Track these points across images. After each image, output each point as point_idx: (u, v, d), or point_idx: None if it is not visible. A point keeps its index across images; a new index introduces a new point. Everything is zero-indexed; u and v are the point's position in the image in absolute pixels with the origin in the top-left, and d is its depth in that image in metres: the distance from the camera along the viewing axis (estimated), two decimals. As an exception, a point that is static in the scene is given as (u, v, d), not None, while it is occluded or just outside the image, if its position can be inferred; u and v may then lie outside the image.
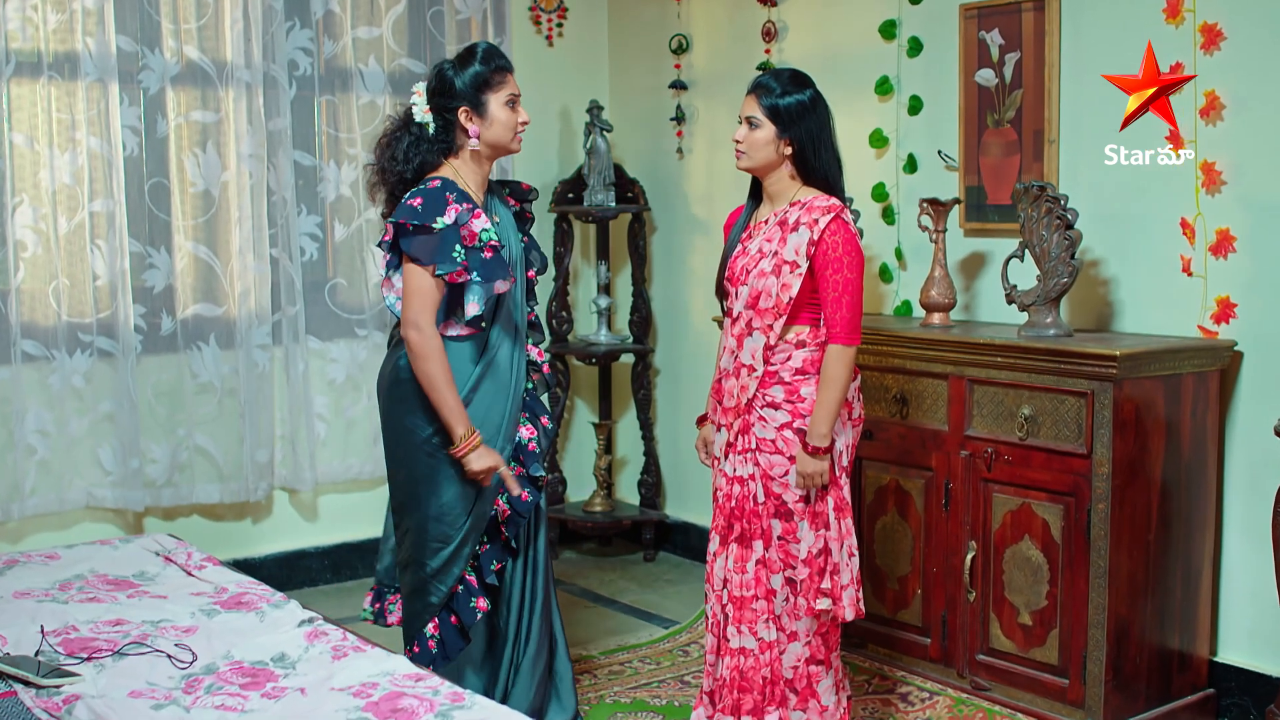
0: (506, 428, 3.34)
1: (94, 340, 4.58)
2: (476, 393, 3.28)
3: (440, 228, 3.14)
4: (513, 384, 3.35)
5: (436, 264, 3.14)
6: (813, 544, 3.31)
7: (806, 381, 3.28)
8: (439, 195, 3.18)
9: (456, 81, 3.26)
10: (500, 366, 3.32)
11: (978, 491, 3.79)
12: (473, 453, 3.19)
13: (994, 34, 4.14)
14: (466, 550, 3.31)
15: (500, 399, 3.32)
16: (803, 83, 3.32)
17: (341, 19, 4.96)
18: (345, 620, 4.66)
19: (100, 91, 4.52)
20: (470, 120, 3.27)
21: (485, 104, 3.27)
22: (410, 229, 3.14)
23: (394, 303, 3.28)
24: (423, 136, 3.29)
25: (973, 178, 4.25)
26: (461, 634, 3.31)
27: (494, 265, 3.21)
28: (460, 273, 3.16)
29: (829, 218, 3.23)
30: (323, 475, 5.06)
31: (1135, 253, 3.87)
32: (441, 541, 3.28)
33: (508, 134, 3.30)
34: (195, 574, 3.29)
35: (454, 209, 3.17)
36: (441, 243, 3.14)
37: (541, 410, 3.48)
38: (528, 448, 3.40)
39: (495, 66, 3.28)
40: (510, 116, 3.30)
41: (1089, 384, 3.49)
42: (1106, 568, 3.49)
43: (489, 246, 3.20)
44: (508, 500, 3.34)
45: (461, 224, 3.17)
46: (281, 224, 4.87)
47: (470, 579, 3.33)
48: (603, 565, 5.43)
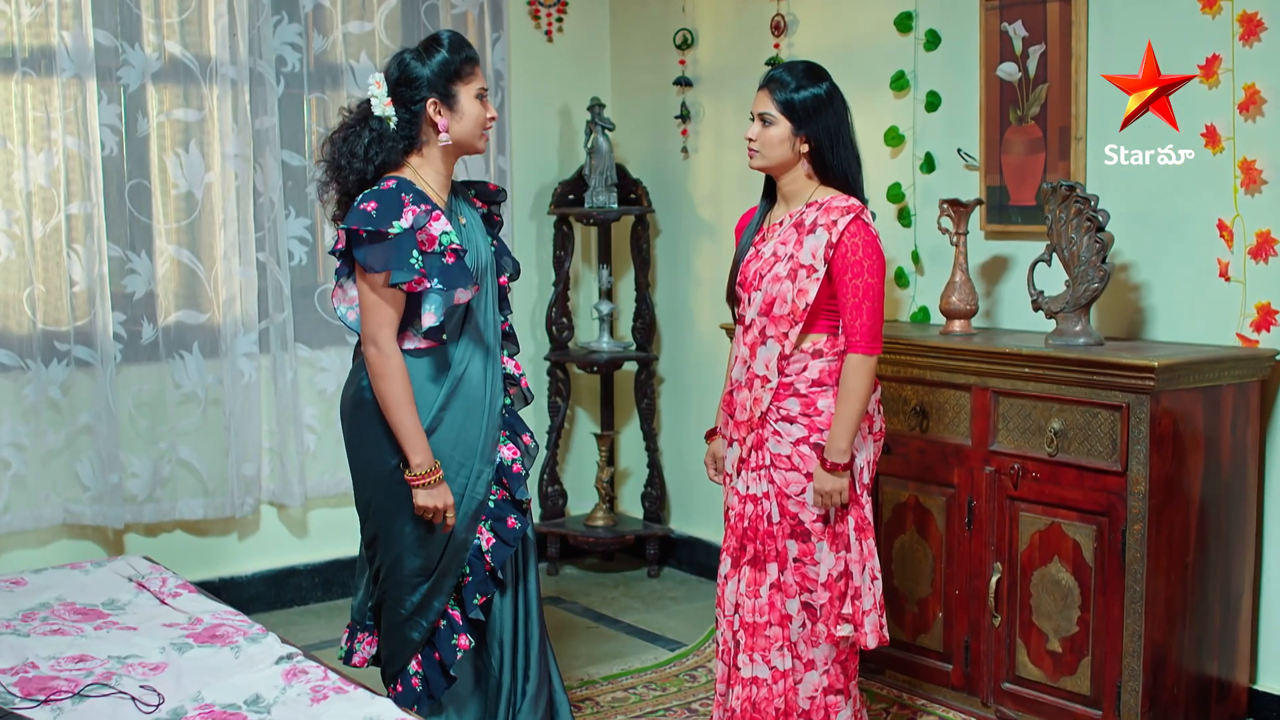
0: (484, 449, 3.10)
1: (71, 349, 4.40)
2: (446, 412, 3.04)
3: (396, 233, 2.88)
4: (488, 400, 3.11)
5: (391, 272, 2.89)
6: (832, 566, 3.11)
7: (824, 394, 3.08)
8: (394, 197, 2.92)
9: (424, 71, 3.01)
10: (472, 382, 3.08)
11: (1003, 510, 3.59)
12: (423, 488, 2.95)
13: (1017, 25, 3.94)
14: (447, 583, 3.09)
15: (475, 418, 3.08)
16: (818, 76, 3.13)
17: (331, 13, 4.78)
18: (337, 642, 4.50)
19: (77, 88, 4.33)
20: (439, 113, 3.01)
21: (455, 96, 3.02)
22: (364, 235, 2.89)
23: (344, 313, 3.06)
24: (384, 132, 3.02)
25: (994, 177, 4.05)
26: (444, 673, 3.09)
27: (455, 272, 2.94)
28: (419, 281, 2.91)
29: (848, 219, 3.03)
30: (312, 489, 4.88)
31: (1169, 256, 3.67)
32: (420, 575, 3.06)
33: (476, 129, 3.05)
34: (169, 602, 3.08)
35: (410, 211, 2.91)
36: (397, 249, 2.88)
37: (522, 428, 3.23)
38: (511, 469, 3.15)
39: (465, 56, 3.03)
40: (480, 111, 3.05)
41: (1124, 396, 3.29)
42: (1143, 593, 3.28)
43: (450, 251, 2.95)
44: (492, 528, 3.11)
45: (419, 227, 2.92)
46: (268, 227, 4.69)
47: (454, 614, 3.11)
48: (605, 582, 5.24)
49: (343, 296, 3.06)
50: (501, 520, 3.11)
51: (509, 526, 3.10)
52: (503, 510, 3.12)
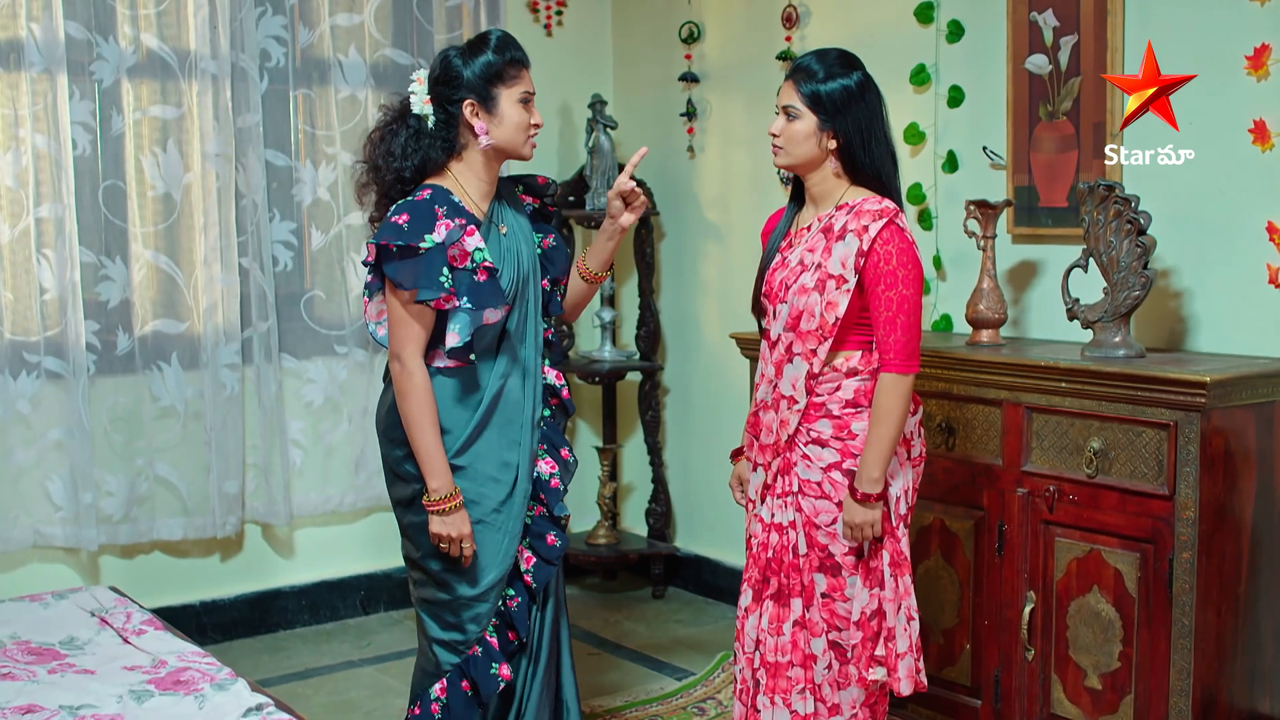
0: (523, 462, 2.96)
1: (41, 360, 4.17)
2: (483, 429, 2.91)
3: (427, 248, 2.74)
4: (528, 414, 2.98)
5: (419, 290, 2.75)
6: (865, 604, 2.86)
7: (859, 415, 2.83)
8: (427, 210, 2.79)
9: (465, 70, 2.86)
10: (510, 398, 2.94)
11: (1037, 535, 3.33)
12: (439, 514, 2.82)
13: (1047, 15, 3.70)
14: (486, 606, 2.94)
15: (513, 431, 2.95)
16: (850, 65, 2.87)
17: (319, 5, 4.56)
18: (326, 670, 4.28)
19: (47, 84, 4.11)
20: (477, 115, 2.87)
21: (495, 99, 2.87)
22: (394, 250, 2.75)
23: (374, 329, 2.94)
24: (422, 130, 2.90)
25: (1023, 177, 3.80)
26: (476, 703, 2.92)
27: (486, 291, 2.81)
28: (447, 299, 2.77)
29: (881, 223, 2.78)
30: (299, 507, 4.66)
31: (1213, 261, 3.42)
32: (456, 597, 2.92)
33: (519, 136, 2.90)
34: (132, 641, 2.83)
35: (444, 225, 2.77)
36: (427, 266, 2.75)
37: (561, 441, 3.10)
38: (550, 484, 3.02)
39: (510, 58, 2.88)
40: (523, 116, 2.90)
41: (1171, 414, 3.03)
42: (1192, 626, 3.03)
43: (482, 268, 2.81)
44: (531, 545, 2.98)
45: (452, 242, 2.78)
46: (252, 231, 4.46)
47: (491, 640, 2.93)
48: (607, 603, 4.99)
49: (374, 311, 2.93)
50: (541, 538, 3.01)
51: (549, 544, 3.00)
52: (541, 527, 3.01)
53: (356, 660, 4.39)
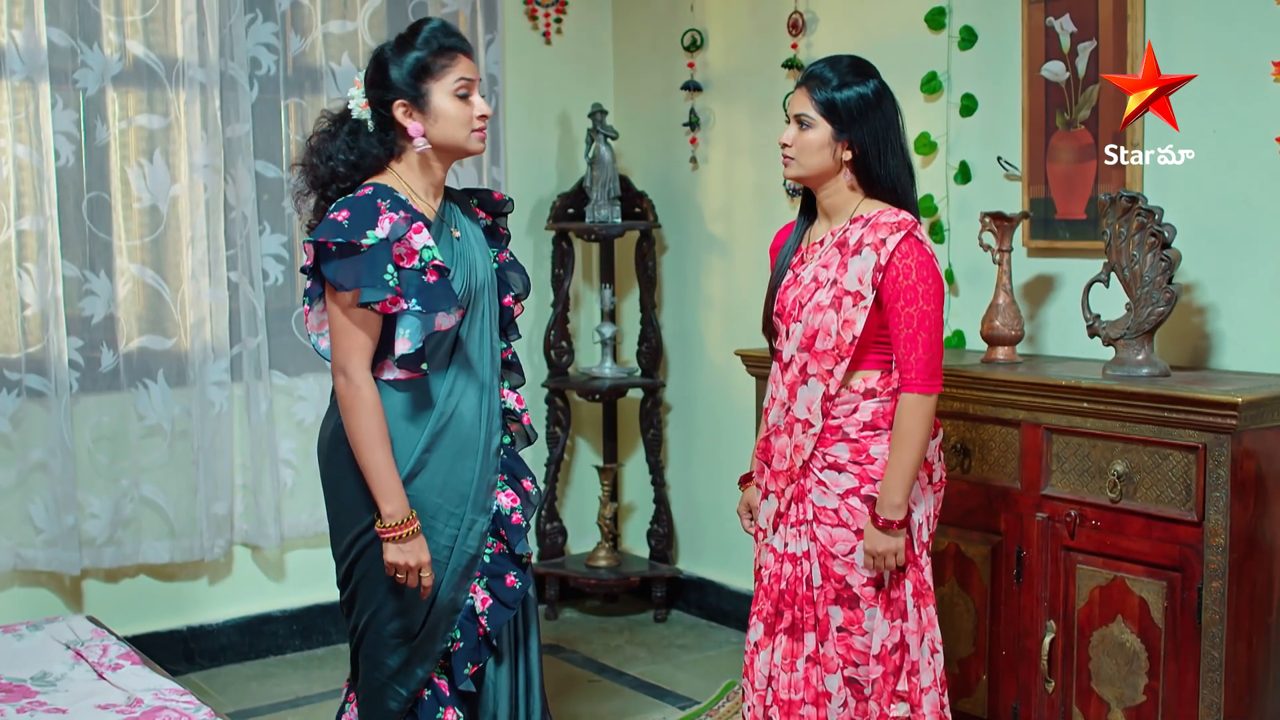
0: (478, 495, 2.73)
1: (22, 378, 4.04)
2: (432, 454, 2.68)
3: (370, 244, 2.54)
4: (483, 440, 2.75)
5: (362, 290, 2.54)
6: (886, 636, 2.73)
7: (878, 439, 2.70)
8: (369, 205, 2.58)
9: (392, 69, 2.66)
10: (463, 420, 2.72)
11: (1058, 562, 3.20)
12: (394, 541, 2.58)
13: (1064, 20, 3.58)
14: (433, 648, 2.74)
15: (467, 460, 2.72)
16: (865, 72, 2.76)
17: (310, 11, 4.43)
18: (318, 698, 4.14)
19: (29, 92, 3.98)
20: (410, 116, 2.67)
21: (427, 95, 2.66)
22: (334, 249, 2.54)
23: (316, 341, 2.73)
24: (359, 131, 2.71)
25: (1039, 188, 3.68)
26: None
27: (437, 292, 2.59)
28: (394, 300, 2.56)
29: (899, 236, 2.65)
30: (289, 529, 4.52)
31: (1239, 275, 3.30)
32: (399, 637, 2.71)
33: (460, 130, 2.68)
34: (107, 676, 2.69)
35: (387, 219, 2.57)
36: (369, 264, 2.54)
37: (524, 471, 2.86)
38: (510, 519, 2.79)
39: (438, 48, 2.66)
40: (461, 109, 2.67)
41: (1200, 436, 2.90)
42: (1222, 659, 2.90)
43: (432, 268, 2.60)
44: (488, 586, 2.75)
45: (397, 238, 2.57)
46: (241, 244, 4.33)
47: (440, 683, 2.75)
48: (608, 627, 4.85)
49: (315, 321, 2.73)
50: (499, 578, 2.77)
51: (508, 585, 2.76)
52: (501, 566, 2.78)
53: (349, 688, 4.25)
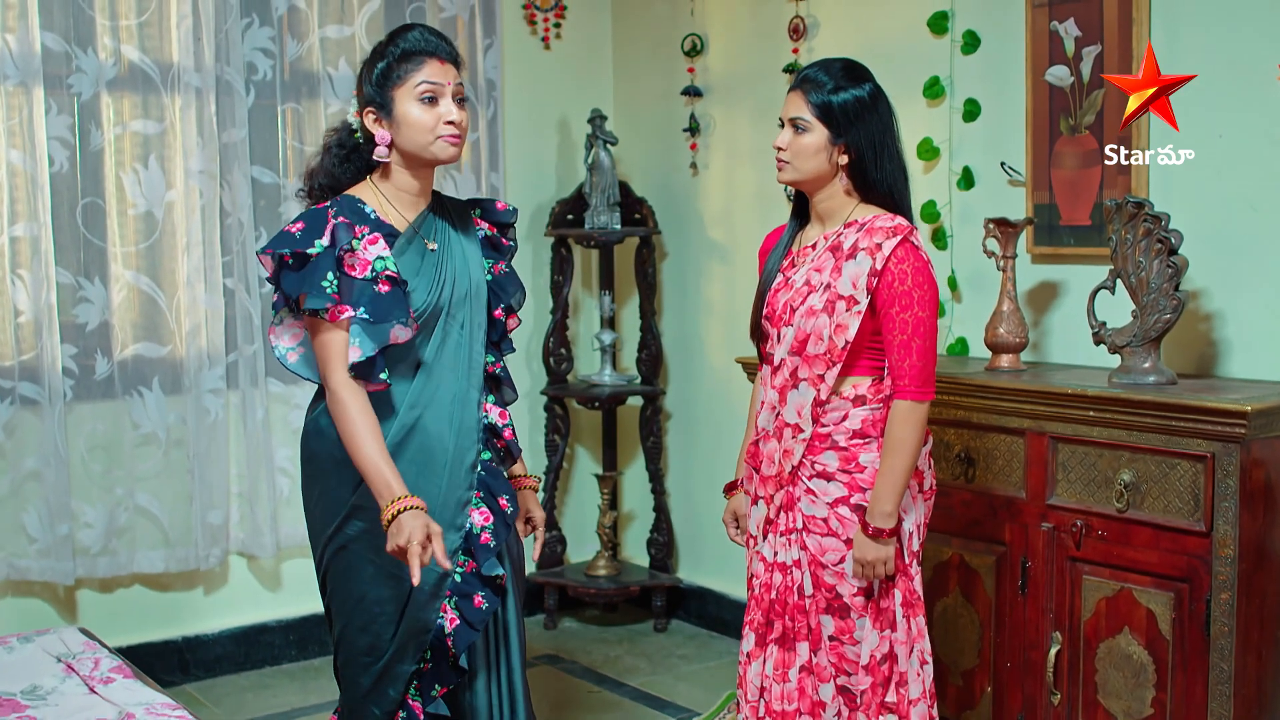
0: (442, 512, 2.63)
1: (16, 386, 4.00)
2: None
3: (316, 253, 2.52)
4: (451, 455, 2.66)
5: (305, 297, 2.51)
6: (875, 647, 2.68)
7: (867, 447, 2.66)
8: (320, 215, 2.56)
9: (364, 79, 2.65)
10: (427, 434, 2.64)
11: (1063, 572, 3.15)
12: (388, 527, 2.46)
13: (1069, 24, 3.54)
14: (403, 669, 2.67)
15: (433, 476, 2.64)
16: (860, 75, 2.72)
17: (307, 16, 4.39)
18: (314, 709, 4.09)
19: (23, 97, 3.94)
20: (379, 124, 2.63)
21: (391, 103, 2.61)
22: (289, 261, 2.52)
23: (283, 354, 2.69)
24: (345, 143, 2.71)
25: (1043, 194, 3.63)
26: None
27: (388, 303, 2.54)
28: (341, 309, 2.51)
29: (894, 241, 2.61)
30: (286, 538, 4.47)
31: (1246, 282, 3.25)
32: (369, 656, 2.66)
33: (424, 137, 2.61)
34: (98, 690, 2.65)
35: (331, 226, 2.54)
36: (313, 272, 2.51)
37: (502, 489, 2.74)
38: (479, 539, 2.67)
39: (402, 52, 2.61)
40: (424, 115, 2.60)
41: (1209, 445, 2.85)
42: (1231, 671, 2.85)
43: (384, 279, 2.55)
44: (457, 605, 2.67)
45: (343, 248, 2.53)
46: (237, 250, 4.29)
47: (414, 705, 2.69)
48: (607, 637, 4.81)
49: (285, 336, 2.70)
50: (468, 598, 2.67)
51: (475, 606, 2.66)
52: (470, 586, 2.67)
53: (344, 700, 4.20)
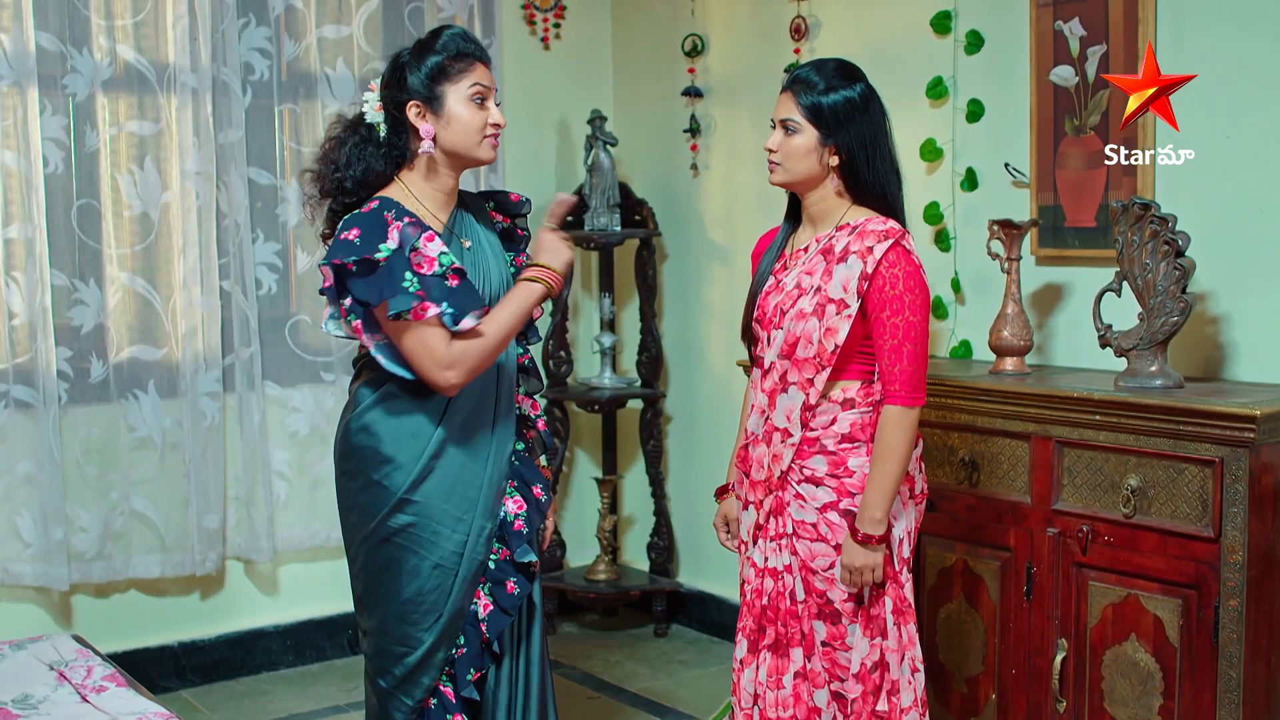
0: (485, 501, 2.70)
1: (9, 389, 3.97)
2: (440, 460, 2.65)
3: (384, 256, 2.52)
4: (493, 446, 2.72)
5: (388, 302, 2.52)
6: (866, 655, 2.65)
7: (856, 451, 2.63)
8: (376, 218, 2.56)
9: (410, 72, 2.64)
10: (474, 425, 2.69)
11: (1069, 578, 3.12)
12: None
13: (1073, 24, 3.50)
14: (439, 656, 2.70)
15: (476, 466, 2.69)
16: (852, 76, 2.69)
17: (305, 16, 4.36)
18: (311, 714, 4.06)
19: (17, 98, 3.91)
20: (423, 118, 2.64)
21: (441, 98, 2.63)
22: (354, 269, 2.52)
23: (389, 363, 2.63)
24: (370, 139, 2.69)
25: (1047, 195, 3.60)
26: None
27: (463, 295, 2.58)
28: (425, 307, 2.53)
29: (886, 245, 2.59)
30: (283, 543, 4.45)
31: (1253, 284, 3.22)
32: (407, 645, 2.68)
33: (472, 137, 2.65)
34: (91, 699, 2.61)
35: (395, 228, 2.55)
36: (389, 275, 2.52)
37: (534, 478, 2.83)
38: (513, 526, 2.74)
39: (457, 52, 2.64)
40: (475, 115, 2.64)
41: (1217, 450, 2.82)
42: (1240, 679, 2.81)
43: (452, 272, 2.58)
44: (490, 592, 2.72)
45: (411, 247, 2.55)
46: (234, 252, 4.26)
47: (446, 691, 2.71)
48: (607, 642, 4.77)
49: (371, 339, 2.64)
50: (501, 585, 2.73)
51: (508, 592, 2.72)
52: (503, 572, 2.74)
53: (343, 704, 4.17)
